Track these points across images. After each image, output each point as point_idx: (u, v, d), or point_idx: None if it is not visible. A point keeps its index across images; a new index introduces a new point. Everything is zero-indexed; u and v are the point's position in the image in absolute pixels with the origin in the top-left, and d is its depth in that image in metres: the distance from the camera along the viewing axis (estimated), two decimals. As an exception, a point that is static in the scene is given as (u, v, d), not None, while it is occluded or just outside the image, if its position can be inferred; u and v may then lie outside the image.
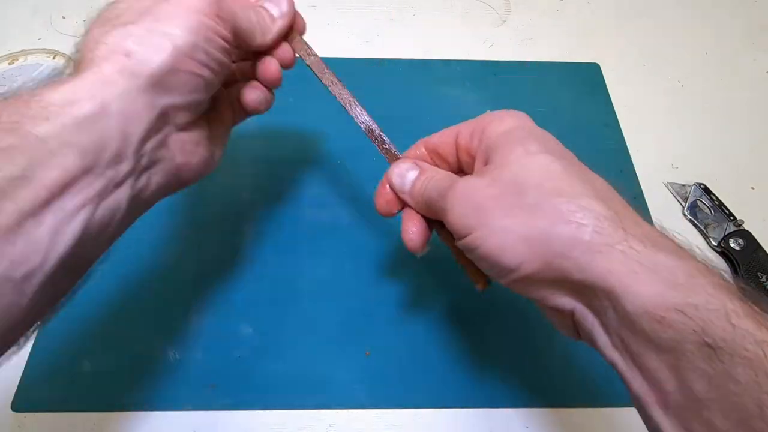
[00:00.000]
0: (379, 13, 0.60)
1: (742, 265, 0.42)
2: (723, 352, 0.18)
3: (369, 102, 0.51)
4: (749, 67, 0.57)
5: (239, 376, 0.37)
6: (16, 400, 0.36)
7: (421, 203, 0.28)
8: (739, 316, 0.18)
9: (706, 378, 0.18)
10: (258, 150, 0.48)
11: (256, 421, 0.35)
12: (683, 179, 0.48)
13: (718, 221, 0.44)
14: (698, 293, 0.19)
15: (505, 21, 0.60)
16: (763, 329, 0.18)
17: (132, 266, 0.41)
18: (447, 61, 0.55)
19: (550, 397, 0.37)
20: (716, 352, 0.18)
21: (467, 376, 0.37)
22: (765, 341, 0.17)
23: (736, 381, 0.17)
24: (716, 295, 0.19)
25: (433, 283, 0.41)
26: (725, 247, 0.43)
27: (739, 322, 0.18)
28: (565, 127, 0.51)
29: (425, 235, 0.29)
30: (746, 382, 0.17)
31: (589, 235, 0.21)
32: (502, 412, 0.36)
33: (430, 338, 0.39)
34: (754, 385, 0.17)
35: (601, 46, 0.58)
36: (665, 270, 0.20)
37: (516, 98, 0.53)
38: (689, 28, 0.60)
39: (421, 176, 0.28)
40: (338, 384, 0.37)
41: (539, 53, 0.57)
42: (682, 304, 0.19)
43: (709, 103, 0.53)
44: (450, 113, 0.51)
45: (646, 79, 0.55)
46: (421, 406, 0.36)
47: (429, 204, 0.27)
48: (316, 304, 0.40)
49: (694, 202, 0.46)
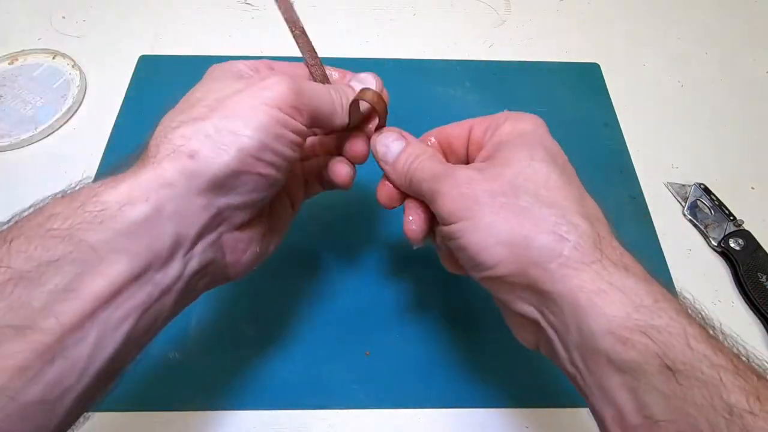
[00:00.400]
0: (379, 13, 0.60)
1: (742, 265, 0.42)
2: (681, 375, 0.18)
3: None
4: (749, 67, 0.57)
5: (239, 376, 0.37)
6: (16, 400, 0.36)
7: (404, 178, 0.28)
8: (698, 340, 0.19)
9: (665, 400, 0.18)
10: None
11: (256, 421, 0.35)
12: (683, 179, 0.48)
13: (718, 221, 0.44)
14: (661, 317, 0.19)
15: (505, 21, 0.60)
16: (719, 354, 0.18)
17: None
18: (447, 61, 0.55)
19: (550, 397, 0.37)
20: (675, 375, 0.18)
21: (467, 376, 0.37)
22: (720, 365, 0.18)
23: (693, 403, 0.18)
24: (677, 320, 0.19)
25: (433, 283, 0.41)
26: (725, 247, 0.43)
27: (698, 346, 0.18)
28: (565, 127, 0.51)
29: (426, 227, 0.29)
30: (702, 404, 0.17)
31: (569, 250, 0.21)
32: (502, 412, 0.36)
33: (430, 338, 0.39)
34: (710, 408, 0.17)
35: (601, 46, 0.58)
36: (633, 293, 0.20)
37: (516, 98, 0.53)
38: (689, 28, 0.60)
39: (407, 148, 0.28)
40: (338, 384, 0.37)
41: (539, 53, 0.57)
42: (646, 327, 0.19)
43: (709, 104, 0.53)
44: (450, 113, 0.51)
45: (646, 79, 0.55)
46: (421, 406, 0.36)
47: (414, 182, 0.27)
48: (316, 304, 0.40)
49: (694, 202, 0.46)
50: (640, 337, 0.19)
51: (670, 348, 0.19)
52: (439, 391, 0.37)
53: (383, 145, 0.29)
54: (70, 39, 0.57)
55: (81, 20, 0.58)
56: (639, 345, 0.19)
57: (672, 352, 0.18)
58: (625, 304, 0.20)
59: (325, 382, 0.37)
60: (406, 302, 0.40)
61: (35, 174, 0.46)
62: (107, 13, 0.59)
